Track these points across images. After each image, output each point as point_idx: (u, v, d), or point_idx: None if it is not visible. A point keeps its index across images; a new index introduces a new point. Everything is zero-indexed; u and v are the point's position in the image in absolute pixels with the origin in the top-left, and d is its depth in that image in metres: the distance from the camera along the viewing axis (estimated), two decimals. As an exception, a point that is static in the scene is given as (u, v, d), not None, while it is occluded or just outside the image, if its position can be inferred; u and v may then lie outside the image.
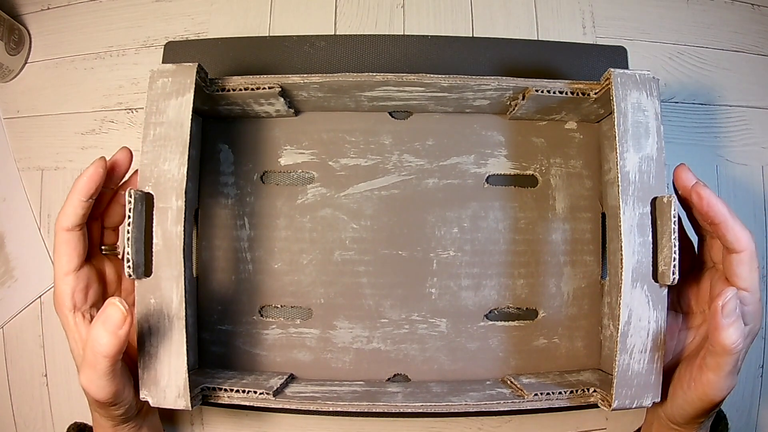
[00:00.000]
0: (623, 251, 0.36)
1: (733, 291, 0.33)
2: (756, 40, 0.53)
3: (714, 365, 0.34)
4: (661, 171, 0.37)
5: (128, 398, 0.36)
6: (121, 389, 0.34)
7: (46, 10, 0.52)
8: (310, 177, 0.46)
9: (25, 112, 0.51)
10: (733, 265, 0.35)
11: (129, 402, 0.36)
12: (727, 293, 0.33)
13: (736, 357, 0.33)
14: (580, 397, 0.39)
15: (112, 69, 0.51)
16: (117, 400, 0.35)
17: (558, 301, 0.45)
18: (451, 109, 0.45)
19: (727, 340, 0.32)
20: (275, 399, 0.38)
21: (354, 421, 0.48)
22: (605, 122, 0.45)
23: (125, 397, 0.35)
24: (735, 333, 0.32)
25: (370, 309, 0.45)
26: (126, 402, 0.36)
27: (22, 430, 0.49)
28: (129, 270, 0.35)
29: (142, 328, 0.36)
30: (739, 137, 0.51)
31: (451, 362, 0.45)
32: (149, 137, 0.37)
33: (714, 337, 0.33)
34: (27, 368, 0.49)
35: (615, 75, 0.38)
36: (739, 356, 0.33)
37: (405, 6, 0.52)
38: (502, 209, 0.45)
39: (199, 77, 0.38)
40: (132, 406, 0.37)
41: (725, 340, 0.32)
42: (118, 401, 0.35)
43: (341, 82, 0.40)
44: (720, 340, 0.33)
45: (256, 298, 0.45)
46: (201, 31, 0.51)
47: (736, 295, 0.33)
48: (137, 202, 0.35)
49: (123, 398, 0.35)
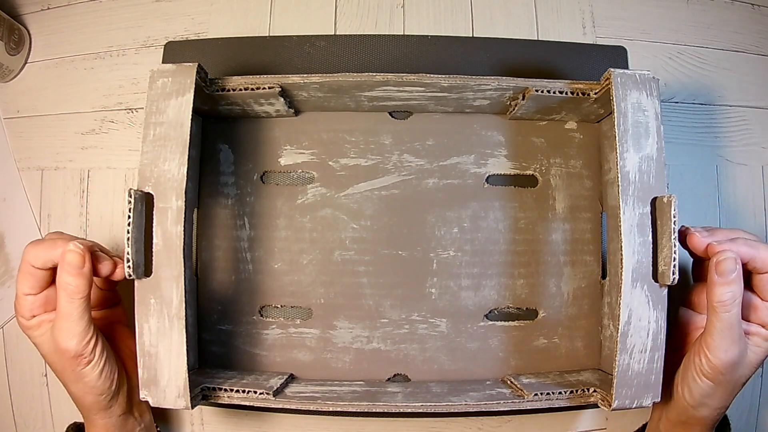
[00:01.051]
0: (623, 251, 0.36)
1: (731, 253, 0.34)
2: (756, 40, 0.53)
3: (709, 326, 0.35)
4: (661, 171, 0.37)
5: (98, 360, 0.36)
6: (91, 339, 0.36)
7: (46, 10, 0.52)
8: (310, 177, 0.46)
9: (25, 112, 0.51)
10: (763, 283, 0.36)
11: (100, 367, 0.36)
12: (724, 253, 0.35)
13: (729, 319, 0.34)
14: (580, 397, 0.39)
15: (112, 69, 0.51)
16: (86, 351, 0.35)
17: (558, 301, 0.45)
18: (451, 109, 0.45)
19: (716, 296, 0.34)
20: (275, 399, 0.38)
21: (354, 421, 0.48)
22: (605, 122, 0.45)
23: (95, 353, 0.36)
24: (724, 291, 0.34)
25: (370, 309, 0.45)
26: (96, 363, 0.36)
27: (22, 430, 0.49)
28: (129, 270, 0.35)
29: (142, 328, 0.36)
30: (739, 137, 0.51)
31: (451, 362, 0.45)
32: (149, 137, 0.37)
33: (708, 295, 0.35)
34: (27, 368, 0.49)
35: (615, 75, 0.38)
36: (733, 320, 0.34)
37: (405, 6, 0.52)
38: (502, 209, 0.45)
39: (199, 77, 0.38)
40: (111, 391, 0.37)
41: (714, 297, 0.34)
42: (87, 354, 0.35)
43: (341, 82, 0.40)
44: (711, 297, 0.35)
45: (256, 298, 0.45)
46: (201, 31, 0.51)
47: (734, 257, 0.34)
48: (137, 202, 0.35)
49: (92, 353, 0.36)
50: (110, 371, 0.37)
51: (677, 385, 0.38)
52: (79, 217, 0.49)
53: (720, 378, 0.35)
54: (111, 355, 0.37)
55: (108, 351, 0.37)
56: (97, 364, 0.36)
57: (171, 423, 0.48)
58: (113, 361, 0.38)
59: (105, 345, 0.37)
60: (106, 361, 0.37)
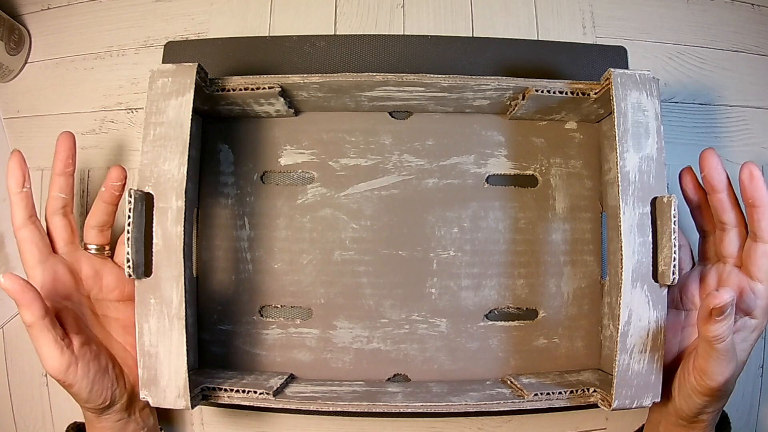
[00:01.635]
0: (623, 251, 0.36)
1: (728, 296, 0.32)
2: (756, 40, 0.53)
3: (703, 353, 0.34)
4: (661, 171, 0.37)
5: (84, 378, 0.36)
6: (69, 367, 0.35)
7: (46, 10, 0.52)
8: (310, 177, 0.46)
9: (25, 112, 0.51)
10: (757, 255, 0.35)
11: (89, 385, 0.36)
12: (722, 297, 0.32)
13: (725, 347, 0.33)
14: (580, 397, 0.39)
15: (112, 69, 0.51)
16: (67, 378, 0.35)
17: (558, 301, 0.45)
18: (451, 109, 0.45)
19: (711, 332, 0.33)
20: (275, 399, 0.38)
21: (354, 421, 0.48)
22: (605, 122, 0.45)
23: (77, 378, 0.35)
24: (721, 327, 0.32)
25: (370, 309, 0.45)
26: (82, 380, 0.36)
27: (22, 430, 0.49)
28: (129, 270, 0.35)
29: (142, 328, 0.36)
30: (739, 137, 0.51)
31: (451, 362, 0.45)
32: (149, 137, 0.37)
33: (701, 328, 0.33)
34: (27, 368, 0.49)
35: (615, 75, 0.38)
36: (728, 345, 0.33)
37: (405, 6, 0.52)
38: (502, 209, 0.45)
39: (199, 77, 0.38)
40: (105, 398, 0.37)
41: (709, 333, 0.33)
42: (70, 380, 0.35)
43: (341, 82, 0.40)
44: (705, 332, 0.33)
45: (256, 298, 0.45)
46: (201, 31, 0.51)
47: (731, 300, 0.32)
48: (137, 202, 0.35)
49: (74, 378, 0.35)
50: (101, 389, 0.36)
51: (675, 395, 0.38)
52: (80, 218, 0.49)
53: (717, 394, 0.35)
54: (100, 374, 0.37)
55: (96, 370, 0.36)
56: (81, 386, 0.36)
57: (171, 423, 0.48)
58: (104, 378, 0.37)
59: (91, 366, 0.36)
60: (93, 382, 0.36)
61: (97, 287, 0.40)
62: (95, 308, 0.40)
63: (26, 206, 0.37)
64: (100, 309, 0.40)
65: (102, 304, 0.40)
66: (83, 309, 0.39)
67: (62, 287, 0.37)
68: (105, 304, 0.40)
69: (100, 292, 0.40)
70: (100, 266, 0.40)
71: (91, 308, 0.39)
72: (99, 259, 0.40)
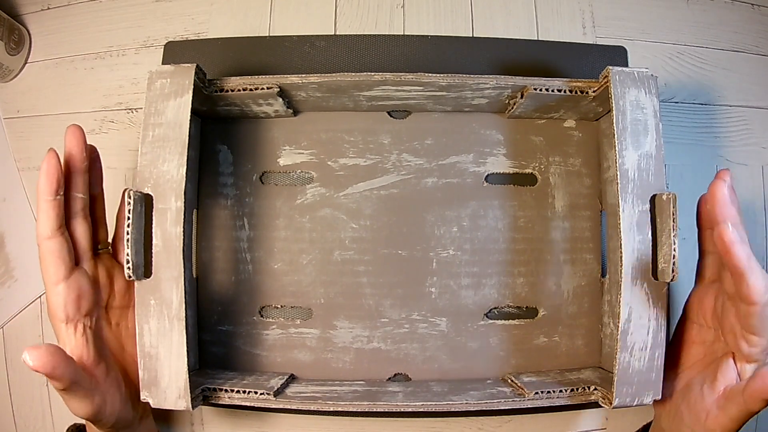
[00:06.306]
0: (623, 249, 0.36)
1: None
2: (756, 40, 0.53)
3: (747, 315, 0.32)
4: (660, 168, 0.37)
5: (111, 410, 0.36)
6: (68, 388, 0.33)
7: (46, 10, 0.52)
8: (310, 177, 0.46)
9: (25, 112, 0.51)
10: (748, 317, 0.32)
11: (114, 414, 0.36)
12: None
13: None
14: (580, 396, 0.39)
15: (112, 69, 0.51)
16: (64, 395, 0.34)
17: (558, 300, 0.45)
18: (449, 108, 0.45)
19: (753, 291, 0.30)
20: (276, 399, 0.38)
21: (354, 421, 0.48)
22: (604, 120, 0.45)
23: (75, 396, 0.34)
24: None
25: (370, 309, 0.45)
26: (109, 414, 0.36)
27: (22, 430, 0.49)
28: (129, 271, 0.35)
29: (143, 329, 0.36)
30: (739, 137, 0.51)
31: (452, 361, 0.45)
32: (148, 138, 0.37)
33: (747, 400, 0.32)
34: (27, 368, 0.49)
35: (613, 73, 0.38)
36: None
37: (405, 6, 0.52)
38: (502, 208, 0.45)
39: (198, 78, 0.38)
40: (120, 419, 0.37)
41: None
42: (66, 395, 0.34)
43: (339, 82, 0.40)
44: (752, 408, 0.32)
45: (256, 298, 0.45)
46: (201, 31, 0.51)
47: None
48: (136, 203, 0.35)
49: (70, 396, 0.34)
50: (95, 405, 0.35)
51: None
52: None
53: None
54: (92, 393, 0.35)
55: (93, 389, 0.35)
56: (108, 420, 0.36)
57: (171, 423, 0.48)
58: (99, 396, 0.35)
59: (89, 387, 0.34)
60: (88, 399, 0.34)
61: (111, 293, 0.38)
62: (110, 318, 0.39)
63: (57, 216, 0.34)
64: (114, 317, 0.39)
65: (115, 312, 0.39)
66: (101, 323, 0.38)
67: (85, 303, 0.36)
68: (118, 311, 0.39)
69: (114, 299, 0.39)
70: (110, 267, 0.39)
71: (107, 320, 0.38)
72: (108, 261, 0.39)
